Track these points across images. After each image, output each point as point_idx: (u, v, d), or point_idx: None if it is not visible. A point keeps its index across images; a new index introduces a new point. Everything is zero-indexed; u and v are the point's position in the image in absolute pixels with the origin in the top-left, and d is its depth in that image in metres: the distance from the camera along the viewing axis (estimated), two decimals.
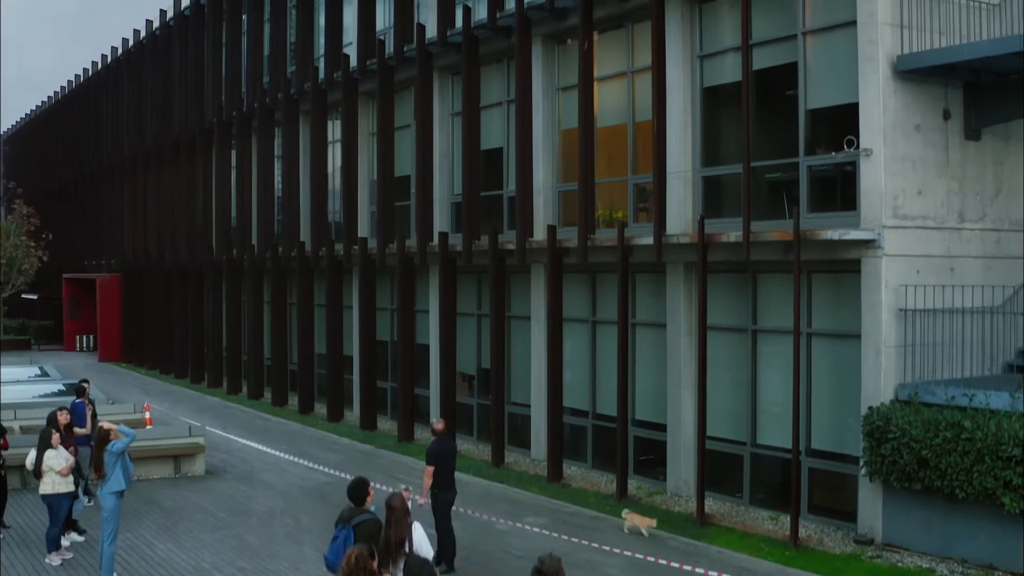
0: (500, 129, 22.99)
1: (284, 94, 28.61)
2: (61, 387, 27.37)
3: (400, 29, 24.01)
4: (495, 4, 21.41)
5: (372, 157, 26.77)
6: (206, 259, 34.02)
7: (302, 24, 28.30)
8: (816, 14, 16.71)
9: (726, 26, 18.01)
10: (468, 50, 22.10)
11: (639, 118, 19.67)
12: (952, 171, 16.32)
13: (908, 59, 15.49)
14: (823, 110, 16.80)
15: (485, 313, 23.01)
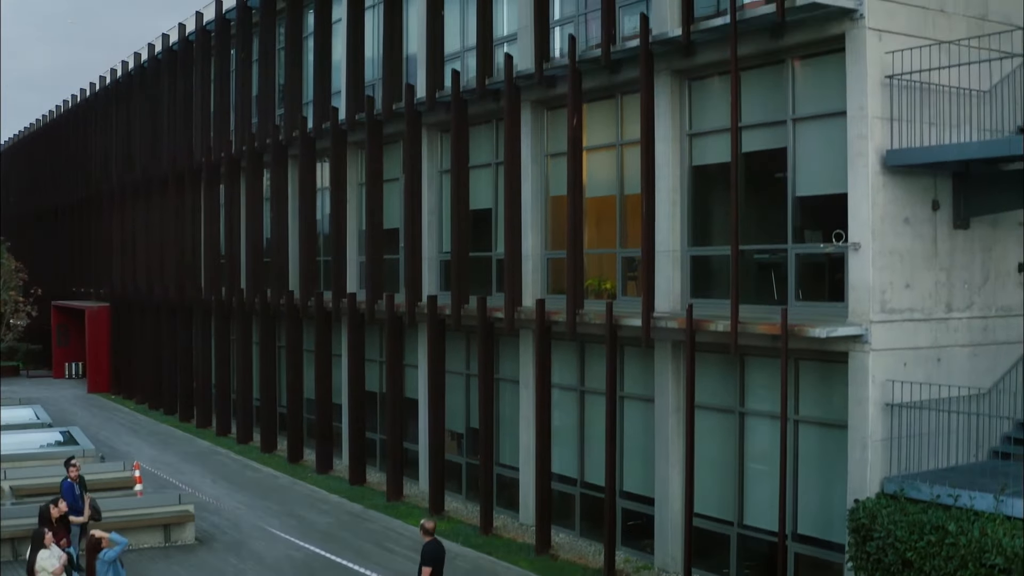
0: (489, 190, 22.97)
1: (272, 140, 28.51)
2: (58, 437, 27.03)
3: (388, 87, 23.92)
4: (484, 70, 21.34)
5: (361, 205, 26.69)
6: (195, 297, 33.94)
7: (291, 67, 28.18)
8: (806, 102, 16.70)
9: (716, 106, 17.98)
10: (457, 112, 22.03)
11: (628, 190, 19.66)
12: (940, 261, 16.34)
13: (898, 155, 15.49)
14: (812, 198, 16.82)
15: (474, 373, 23.00)
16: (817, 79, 16.60)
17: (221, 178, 32.35)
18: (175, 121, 35.24)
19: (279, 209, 28.84)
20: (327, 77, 26.84)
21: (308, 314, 27.57)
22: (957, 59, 16.14)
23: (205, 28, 33.24)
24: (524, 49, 21.21)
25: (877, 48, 15.54)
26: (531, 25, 20.58)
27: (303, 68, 28.51)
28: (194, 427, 33.82)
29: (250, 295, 30.08)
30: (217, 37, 32.45)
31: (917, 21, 16.01)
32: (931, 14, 16.19)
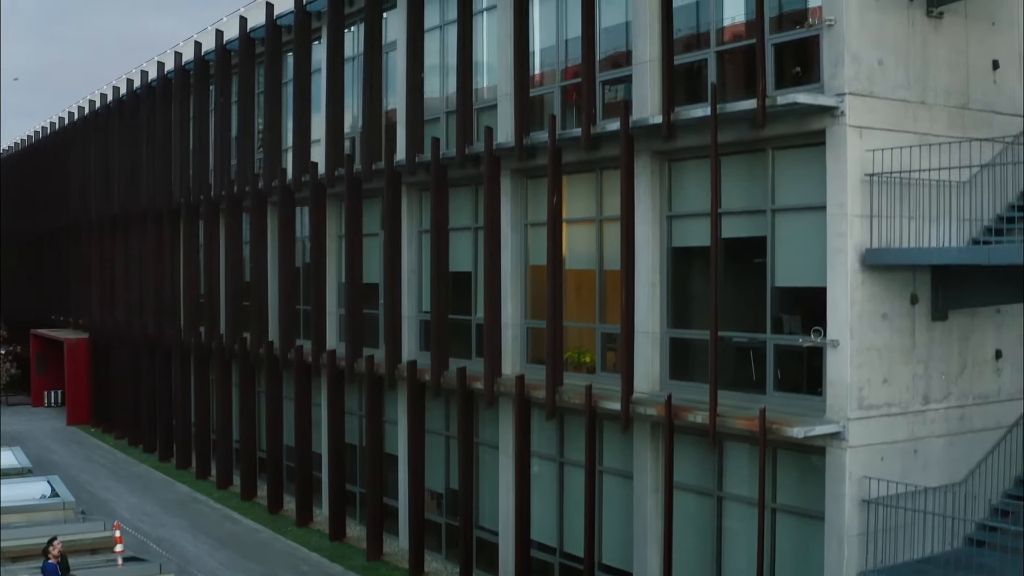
0: (468, 252, 22.85)
1: (252, 187, 28.26)
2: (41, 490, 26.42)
3: (368, 146, 23.74)
4: (464, 137, 21.20)
5: (341, 257, 26.51)
6: (173, 336, 33.67)
7: (269, 114, 27.85)
8: (786, 193, 16.64)
9: (696, 189, 17.88)
10: (436, 178, 21.91)
11: (608, 266, 19.58)
12: (918, 354, 16.32)
13: (877, 254, 15.46)
14: (791, 289, 16.77)
15: (453, 435, 22.92)
16: (797, 171, 16.52)
17: (200, 217, 32.07)
18: (154, 157, 34.86)
19: (258, 255, 28.62)
20: (307, 126, 26.51)
21: (288, 364, 27.39)
22: (938, 151, 16.17)
23: (184, 67, 32.91)
24: (504, 117, 21.11)
25: (858, 146, 15.50)
26: (511, 94, 20.48)
27: (282, 114, 28.24)
28: (174, 467, 33.58)
29: (229, 339, 29.88)
30: (196, 75, 32.10)
31: (898, 114, 15.97)
32: (912, 107, 16.15)
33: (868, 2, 15.64)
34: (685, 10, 18.17)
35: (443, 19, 23.38)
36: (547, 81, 21.00)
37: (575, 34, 19.60)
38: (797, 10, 16.69)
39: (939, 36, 16.52)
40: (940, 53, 16.54)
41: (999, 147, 17.19)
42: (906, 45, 16.10)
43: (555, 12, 20.59)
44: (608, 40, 19.63)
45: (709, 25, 17.72)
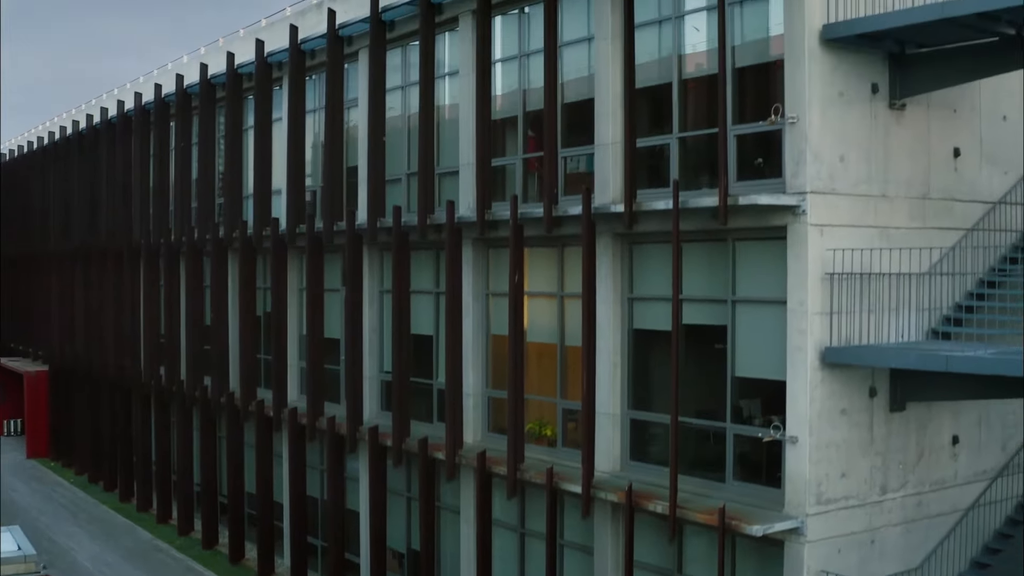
0: (430, 315, 22.58)
1: (212, 236, 27.80)
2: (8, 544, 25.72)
3: (329, 206, 23.37)
4: (425, 207, 20.92)
5: (302, 310, 26.13)
6: (134, 376, 33.14)
7: (230, 161, 27.31)
8: (747, 285, 16.52)
9: (657, 273, 17.72)
10: (398, 245, 21.62)
11: (569, 342, 19.39)
12: (876, 447, 16.26)
13: (836, 353, 15.37)
14: (751, 380, 16.66)
15: (415, 495, 22.68)
16: (758, 263, 16.39)
17: (160, 257, 31.50)
18: (113, 194, 34.19)
19: (219, 301, 28.16)
20: (267, 177, 26.02)
21: (249, 416, 27.01)
22: (899, 249, 16.16)
23: (144, 107, 32.31)
24: (466, 185, 20.86)
25: (819, 243, 15.39)
26: (473, 163, 20.23)
27: (243, 161, 27.75)
28: (134, 509, 33.05)
29: (190, 384, 29.42)
30: (156, 116, 31.50)
31: (859, 209, 15.87)
32: (873, 200, 16.06)
33: (831, 98, 15.54)
34: (649, 93, 18.03)
35: (405, 79, 23.10)
36: (509, 151, 20.79)
37: (538, 105, 19.40)
38: (761, 101, 16.61)
39: (901, 127, 16.44)
40: (902, 144, 16.46)
41: (959, 234, 17.24)
42: (868, 139, 16.01)
43: (518, 81, 20.37)
44: (571, 114, 19.45)
45: (672, 110, 17.58)
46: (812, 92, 15.29)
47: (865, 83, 15.93)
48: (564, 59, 19.28)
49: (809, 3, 15.22)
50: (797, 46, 15.34)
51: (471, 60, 20.56)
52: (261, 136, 25.76)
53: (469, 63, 20.73)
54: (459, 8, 20.98)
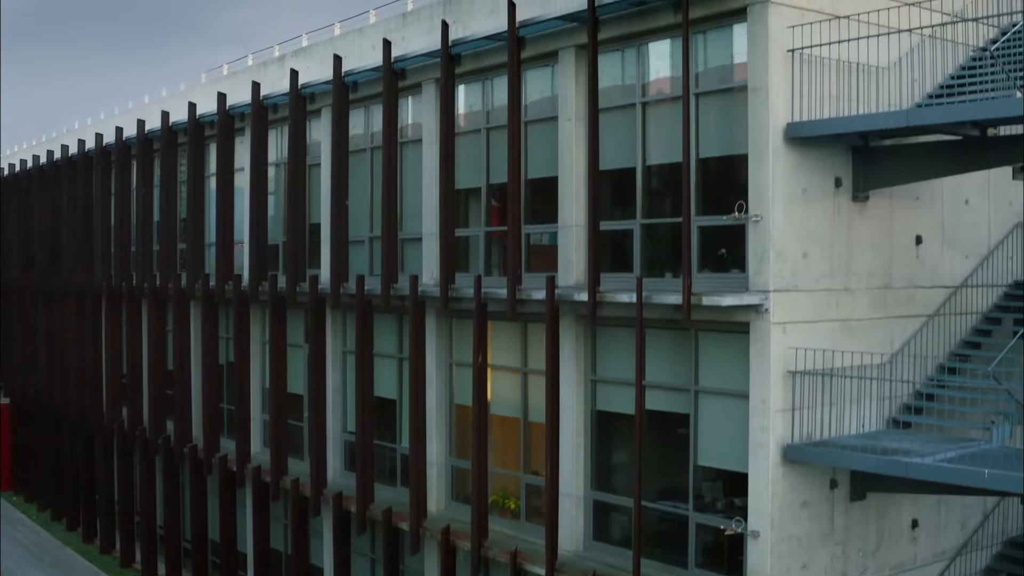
0: (393, 380, 22.34)
1: (175, 285, 27.36)
2: None
3: (292, 265, 23.03)
4: (389, 276, 20.65)
5: (265, 363, 25.80)
6: (96, 414, 32.59)
7: (193, 209, 26.84)
8: (710, 376, 16.39)
9: (620, 358, 17.56)
10: (361, 314, 21.34)
11: (532, 417, 19.21)
12: (836, 537, 16.20)
13: (799, 451, 15.30)
14: (714, 470, 16.58)
15: (379, 558, 22.46)
16: (721, 356, 16.28)
17: (122, 297, 30.93)
18: (75, 232, 33.57)
19: (181, 349, 27.76)
20: (229, 231, 25.57)
21: (211, 469, 26.66)
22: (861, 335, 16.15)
23: (105, 147, 31.74)
24: (429, 255, 20.64)
25: (781, 341, 15.29)
26: (436, 233, 20.00)
27: (206, 208, 27.29)
28: (97, 551, 32.58)
29: (153, 431, 29.00)
30: (118, 158, 30.90)
31: (821, 304, 15.76)
32: (835, 294, 15.95)
33: (794, 195, 15.42)
34: (613, 176, 17.88)
35: (369, 141, 22.81)
36: (473, 221, 20.58)
37: (502, 177, 19.20)
38: (726, 191, 16.50)
39: (864, 218, 16.35)
40: (864, 236, 16.38)
41: (921, 321, 17.22)
42: (830, 233, 15.91)
43: (482, 151, 20.17)
44: (536, 189, 19.26)
45: (636, 196, 17.44)
46: (776, 191, 15.17)
47: (829, 178, 15.82)
48: (529, 134, 19.11)
49: (773, 101, 15.12)
50: (761, 144, 15.20)
51: (434, 129, 20.32)
52: (223, 190, 25.30)
53: (432, 132, 20.48)
54: (423, 75, 20.72)
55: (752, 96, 15.30)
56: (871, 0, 16.26)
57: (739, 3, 15.43)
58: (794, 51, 15.18)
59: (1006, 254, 18.45)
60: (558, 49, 18.08)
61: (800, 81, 15.28)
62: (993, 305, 18.16)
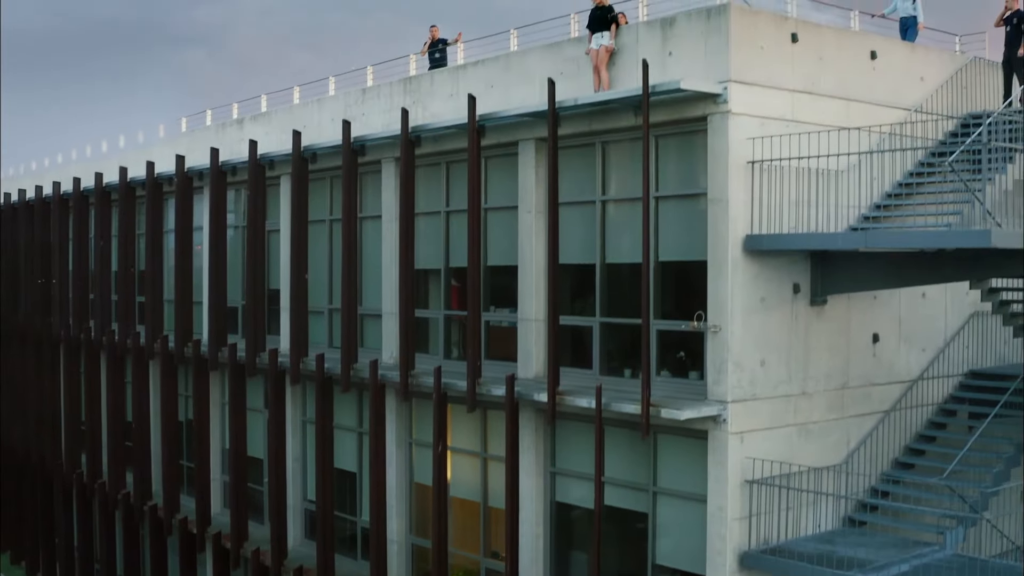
0: (353, 453, 22.10)
1: (133, 343, 26.91)
2: None
3: (251, 335, 22.69)
4: (348, 356, 20.37)
5: (224, 425, 25.42)
6: (56, 466, 32.01)
7: (151, 267, 26.24)
8: (669, 477, 16.33)
9: (579, 453, 17.42)
10: (321, 390, 21.04)
11: (492, 502, 19.07)
12: None
13: (754, 559, 15.25)
14: (671, 570, 16.49)
15: None
16: (680, 458, 16.17)
17: (81, 347, 30.28)
18: (33, 275, 32.79)
19: (140, 404, 27.30)
20: (188, 293, 25.04)
21: (172, 530, 26.23)
22: (819, 436, 16.13)
23: (62, 196, 31.07)
24: (389, 335, 20.43)
25: (739, 451, 15.22)
26: (396, 313, 19.76)
27: (163, 266, 26.80)
28: None
29: (112, 485, 28.50)
30: (76, 206, 30.25)
31: (779, 411, 15.72)
32: (793, 399, 15.90)
33: (752, 304, 15.34)
34: (573, 271, 17.72)
35: (330, 214, 22.50)
36: (433, 304, 20.36)
37: (461, 262, 19.00)
38: (685, 295, 16.41)
39: (822, 321, 16.30)
40: (822, 338, 16.33)
41: (878, 417, 17.22)
42: (788, 340, 15.85)
43: (441, 239, 19.96)
44: (496, 275, 19.09)
45: (596, 293, 17.31)
46: (735, 302, 15.09)
47: (787, 284, 15.75)
48: (489, 221, 18.92)
49: (733, 213, 15.02)
50: (720, 255, 15.11)
51: (394, 208, 20.08)
52: (181, 251, 24.81)
53: (392, 210, 20.24)
54: (382, 153, 20.44)
55: (712, 207, 15.20)
56: (830, 105, 16.28)
57: (699, 112, 15.33)
58: (754, 163, 15.10)
59: (962, 343, 18.49)
60: (518, 140, 17.91)
61: (760, 190, 15.20)
62: (948, 396, 18.21)
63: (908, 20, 18.92)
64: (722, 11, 15.10)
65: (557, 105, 16.34)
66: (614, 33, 16.36)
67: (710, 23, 15.18)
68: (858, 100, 16.64)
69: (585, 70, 16.90)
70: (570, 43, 17.38)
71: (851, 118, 16.46)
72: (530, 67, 17.81)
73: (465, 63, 19.55)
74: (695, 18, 15.42)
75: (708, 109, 15.17)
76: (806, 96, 15.93)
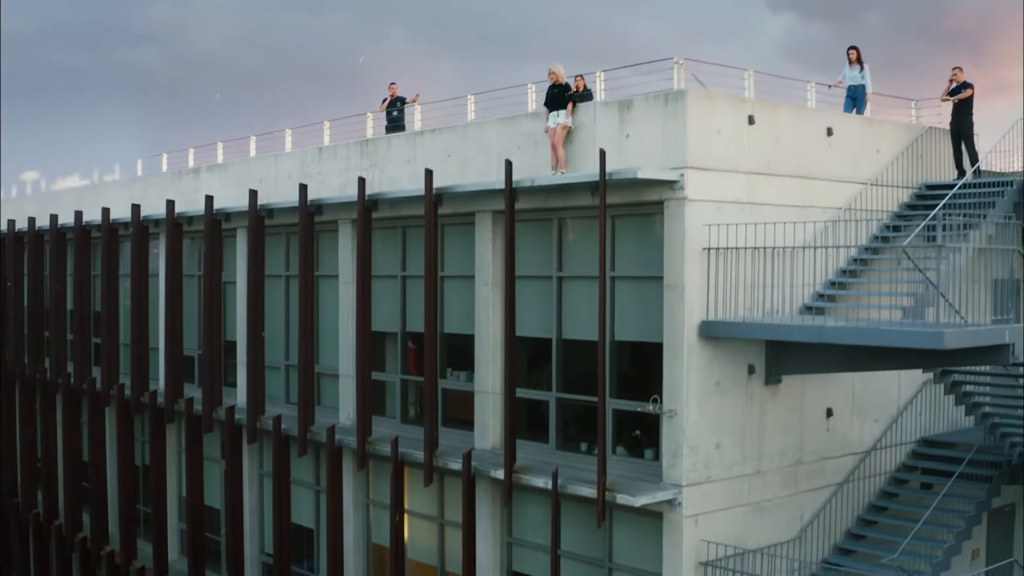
0: (311, 510, 21.83)
1: (89, 389, 26.44)
2: None
3: (208, 390, 22.32)
4: (306, 418, 20.10)
5: (182, 476, 24.97)
6: (11, 507, 31.43)
7: (107, 312, 25.74)
8: (625, 555, 16.19)
9: (534, 525, 17.28)
10: (278, 452, 20.79)
11: (449, 567, 18.87)
12: None
13: None
14: None
15: None
16: (635, 538, 16.03)
17: (36, 393, 29.65)
18: None
19: (96, 452, 26.79)
20: (145, 341, 24.68)
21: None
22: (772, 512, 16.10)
23: (18, 233, 30.45)
24: (346, 398, 20.18)
25: (693, 533, 15.14)
26: (353, 376, 19.51)
27: (119, 311, 26.29)
28: None
29: (69, 527, 27.99)
30: (30, 244, 29.71)
31: (733, 490, 15.63)
32: (747, 479, 15.81)
33: (708, 388, 15.25)
34: (530, 343, 17.54)
35: (286, 269, 22.19)
36: (390, 367, 20.13)
37: (417, 327, 18.80)
38: (641, 376, 16.31)
39: (776, 400, 16.24)
40: (777, 417, 16.27)
41: (832, 490, 17.21)
42: (743, 421, 15.77)
43: (398, 302, 19.74)
44: (453, 342, 18.90)
45: (552, 368, 17.16)
46: (690, 387, 14.99)
47: (742, 366, 15.67)
48: (446, 289, 18.72)
49: (689, 300, 14.90)
50: (676, 341, 14.99)
51: (351, 269, 19.85)
52: (137, 300, 24.31)
53: (349, 271, 20.00)
54: (339, 213, 20.15)
55: (668, 292, 15.08)
56: (787, 184, 16.21)
57: (656, 196, 15.20)
58: (710, 250, 15.00)
59: (915, 411, 18.50)
60: (476, 211, 17.71)
61: (715, 275, 15.10)
62: (900, 464, 18.23)
63: (856, 89, 18.85)
64: (679, 97, 14.99)
65: (514, 184, 16.16)
66: (571, 111, 16.20)
67: (667, 108, 15.06)
68: (814, 178, 16.59)
69: (542, 145, 16.72)
70: (527, 117, 17.19)
71: (807, 196, 16.43)
72: (487, 139, 17.62)
73: (423, 130, 19.27)
74: (652, 102, 15.29)
75: (665, 194, 15.05)
76: (763, 177, 15.84)
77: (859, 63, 18.97)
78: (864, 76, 18.87)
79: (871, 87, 18.88)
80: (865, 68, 18.94)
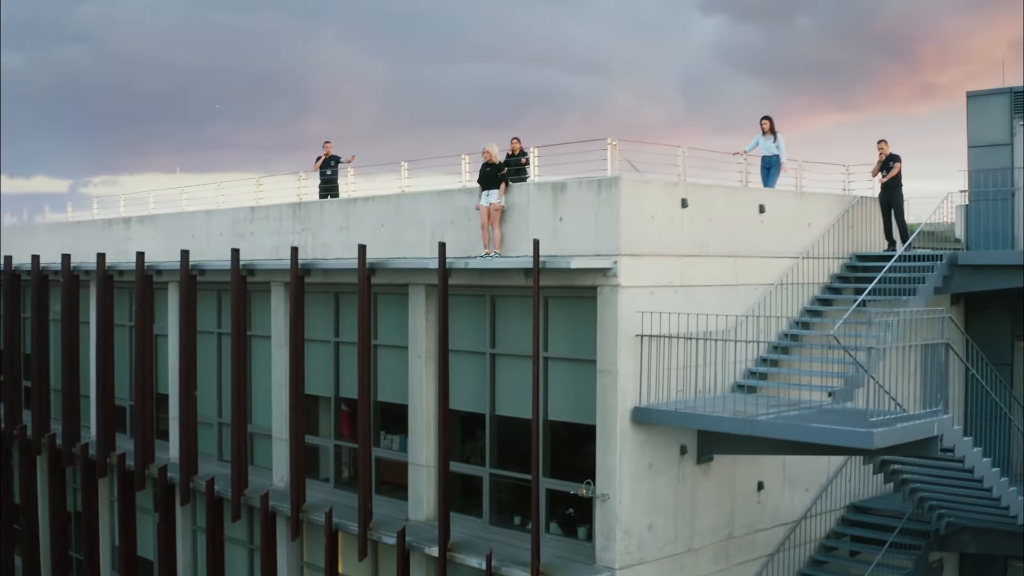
0: (246, 568, 21.20)
1: (20, 436, 25.58)
2: None
3: (140, 449, 21.69)
4: (239, 482, 19.60)
5: (114, 535, 24.15)
6: None
7: (38, 356, 25.01)
8: None
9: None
10: (212, 513, 20.30)
11: None
12: None
13: None
14: None
15: None
16: None
17: None
18: None
19: (29, 507, 25.97)
20: (75, 391, 23.90)
21: None
22: None
23: None
24: (280, 460, 19.68)
25: None
26: (286, 439, 19.03)
27: (50, 357, 25.46)
28: None
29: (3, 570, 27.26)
30: None
31: (665, 569, 15.40)
32: (679, 557, 15.61)
33: (640, 472, 15.01)
34: (464, 417, 17.22)
35: (218, 327, 21.61)
36: (323, 430, 19.70)
37: (351, 393, 18.39)
38: (577, 455, 16.06)
39: (708, 478, 16.06)
40: (709, 494, 16.09)
41: (762, 561, 17.12)
42: (675, 501, 15.56)
43: (331, 368, 19.31)
44: (387, 409, 18.52)
45: (486, 441, 16.85)
46: (623, 471, 14.75)
47: (674, 447, 15.46)
48: (380, 357, 18.33)
49: (622, 385, 14.65)
50: (609, 426, 14.74)
51: (283, 333, 19.37)
52: (68, 349, 23.59)
53: (281, 334, 19.52)
54: (272, 276, 19.63)
55: (601, 377, 14.82)
56: (719, 264, 16.03)
57: (590, 281, 14.94)
58: (642, 337, 14.78)
59: (845, 478, 18.47)
60: (409, 284, 17.33)
61: (648, 360, 14.88)
62: (830, 531, 18.19)
63: (770, 159, 18.58)
64: (613, 183, 14.72)
65: (448, 264, 15.81)
66: (503, 191, 15.88)
67: (601, 194, 14.79)
68: (747, 256, 16.42)
69: (476, 221, 16.38)
70: (460, 193, 16.84)
71: (740, 275, 16.27)
72: (420, 212, 17.22)
73: (356, 198, 18.81)
74: (586, 187, 15.01)
75: (598, 280, 14.79)
76: (696, 259, 15.64)
77: (772, 132, 18.57)
78: (779, 146, 18.53)
79: (785, 157, 18.61)
80: (779, 137, 18.59)
